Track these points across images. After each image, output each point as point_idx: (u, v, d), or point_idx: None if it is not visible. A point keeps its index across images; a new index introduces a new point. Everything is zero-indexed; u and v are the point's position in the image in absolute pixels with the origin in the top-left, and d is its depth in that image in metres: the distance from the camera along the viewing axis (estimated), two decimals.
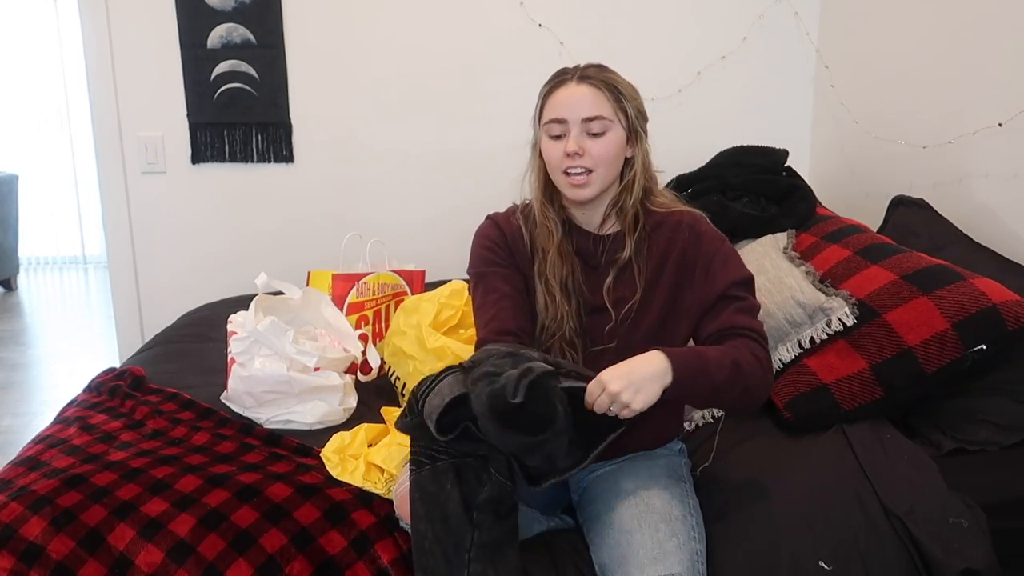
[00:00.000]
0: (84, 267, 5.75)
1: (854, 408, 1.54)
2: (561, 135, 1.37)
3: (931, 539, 1.30)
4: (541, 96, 1.41)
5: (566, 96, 1.37)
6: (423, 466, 1.23)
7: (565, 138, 1.36)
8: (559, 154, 1.37)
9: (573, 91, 1.36)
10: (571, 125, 1.36)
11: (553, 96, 1.38)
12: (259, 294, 1.82)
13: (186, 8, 2.53)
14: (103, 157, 2.64)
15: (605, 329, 1.41)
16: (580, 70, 1.38)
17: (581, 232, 1.45)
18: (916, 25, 2.18)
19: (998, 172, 1.89)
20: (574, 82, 1.37)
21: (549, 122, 1.37)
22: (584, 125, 1.35)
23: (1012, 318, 1.42)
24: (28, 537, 1.32)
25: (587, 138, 1.35)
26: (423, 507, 1.23)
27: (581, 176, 1.36)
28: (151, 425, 1.67)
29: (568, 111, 1.36)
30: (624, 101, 1.38)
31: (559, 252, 1.42)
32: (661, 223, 1.44)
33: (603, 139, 1.36)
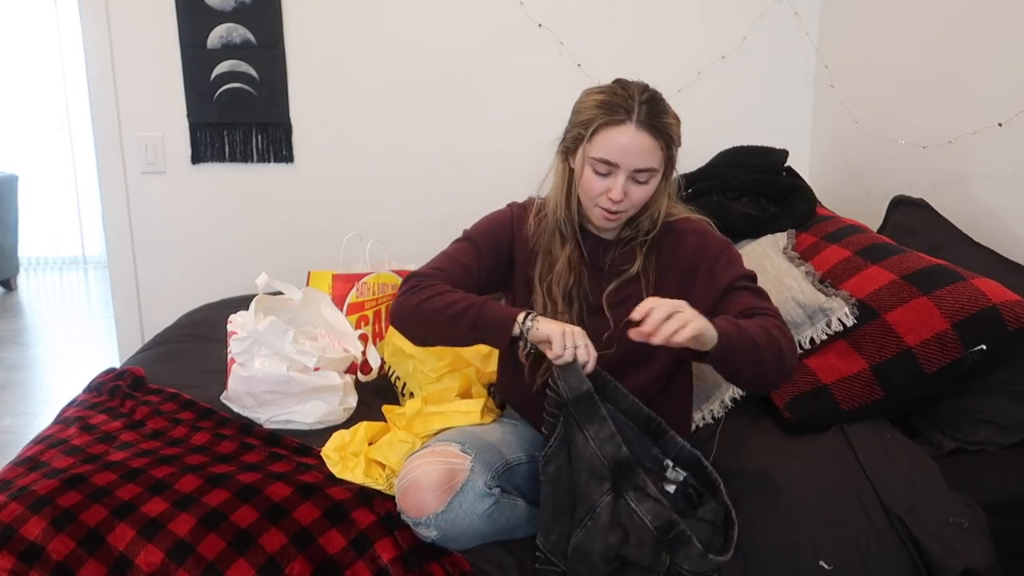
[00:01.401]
0: (84, 267, 5.75)
1: (854, 408, 1.54)
2: (607, 174, 1.37)
3: (931, 539, 1.30)
4: (593, 125, 1.35)
5: (623, 141, 1.33)
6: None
7: (610, 178, 1.37)
8: (600, 190, 1.38)
9: (632, 138, 1.33)
10: (621, 171, 1.36)
11: (608, 134, 1.34)
12: (259, 294, 1.82)
13: (186, 8, 2.53)
14: (103, 157, 2.64)
15: (604, 335, 1.42)
16: (637, 107, 1.33)
17: (593, 237, 1.48)
18: (916, 25, 2.18)
19: (998, 172, 1.89)
20: (634, 126, 1.33)
21: (599, 160, 1.36)
22: (633, 174, 1.36)
23: (1012, 318, 1.42)
24: (28, 537, 1.32)
25: (631, 183, 1.37)
26: None
27: (615, 215, 1.40)
28: (151, 425, 1.67)
29: (622, 158, 1.34)
30: (673, 148, 1.39)
31: (568, 261, 1.44)
32: (668, 231, 1.46)
33: (646, 186, 1.39)
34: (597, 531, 1.24)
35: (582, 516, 1.25)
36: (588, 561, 1.24)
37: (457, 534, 1.32)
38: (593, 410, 1.26)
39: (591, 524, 1.24)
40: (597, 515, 1.24)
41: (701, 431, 1.67)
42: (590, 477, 1.25)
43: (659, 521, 1.21)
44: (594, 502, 1.24)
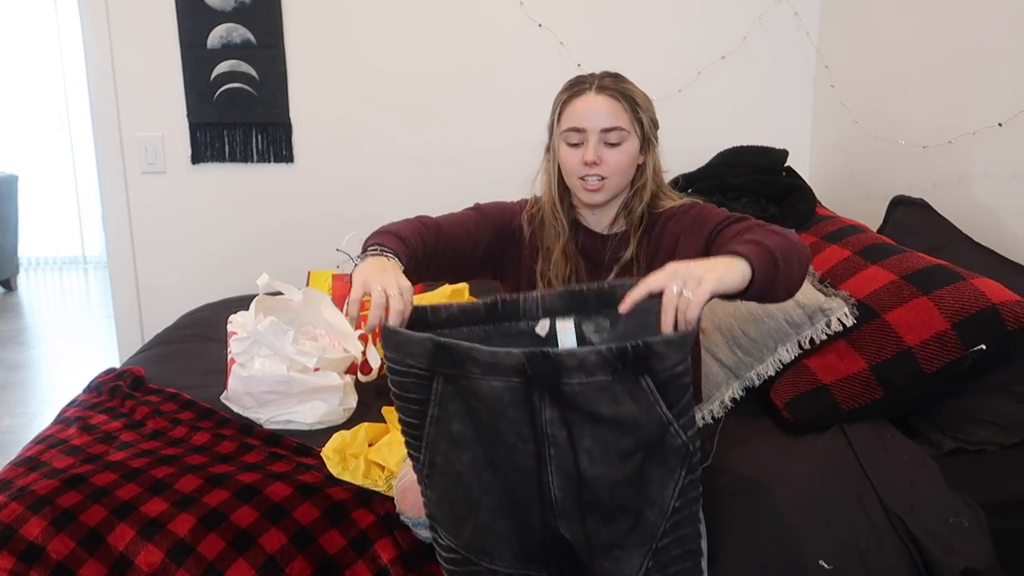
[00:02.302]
0: (84, 267, 5.75)
1: (854, 408, 1.54)
2: (579, 143, 1.39)
3: (931, 539, 1.30)
4: (559, 104, 1.43)
5: (585, 106, 1.39)
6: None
7: (583, 146, 1.39)
8: (576, 161, 1.39)
9: (592, 101, 1.39)
10: (589, 134, 1.38)
11: (571, 105, 1.40)
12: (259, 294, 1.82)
13: (186, 8, 2.53)
14: (103, 157, 2.64)
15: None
16: (598, 80, 1.41)
17: (588, 232, 1.48)
18: (916, 25, 2.18)
19: (998, 172, 1.89)
20: (592, 92, 1.39)
21: (568, 130, 1.40)
22: (602, 135, 1.38)
23: (1012, 318, 1.42)
24: (28, 537, 1.32)
25: (604, 148, 1.38)
26: None
27: (596, 183, 1.39)
28: (151, 425, 1.67)
29: (587, 121, 1.38)
30: (640, 112, 1.40)
31: (563, 252, 1.44)
32: (665, 220, 1.46)
33: (619, 149, 1.39)
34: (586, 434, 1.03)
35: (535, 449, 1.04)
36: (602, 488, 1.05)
37: None
38: (457, 354, 1.03)
39: (556, 453, 1.04)
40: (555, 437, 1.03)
41: (701, 431, 1.67)
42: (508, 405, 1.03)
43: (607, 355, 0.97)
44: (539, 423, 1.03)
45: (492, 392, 1.02)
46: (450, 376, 1.04)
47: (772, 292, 1.19)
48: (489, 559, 1.11)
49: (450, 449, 1.07)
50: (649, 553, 1.06)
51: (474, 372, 1.02)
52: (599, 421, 1.00)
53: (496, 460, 1.06)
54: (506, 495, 1.08)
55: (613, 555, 1.07)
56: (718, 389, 1.71)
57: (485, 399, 1.03)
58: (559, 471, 1.04)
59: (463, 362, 1.02)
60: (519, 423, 1.03)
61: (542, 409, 1.02)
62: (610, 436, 1.01)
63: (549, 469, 1.04)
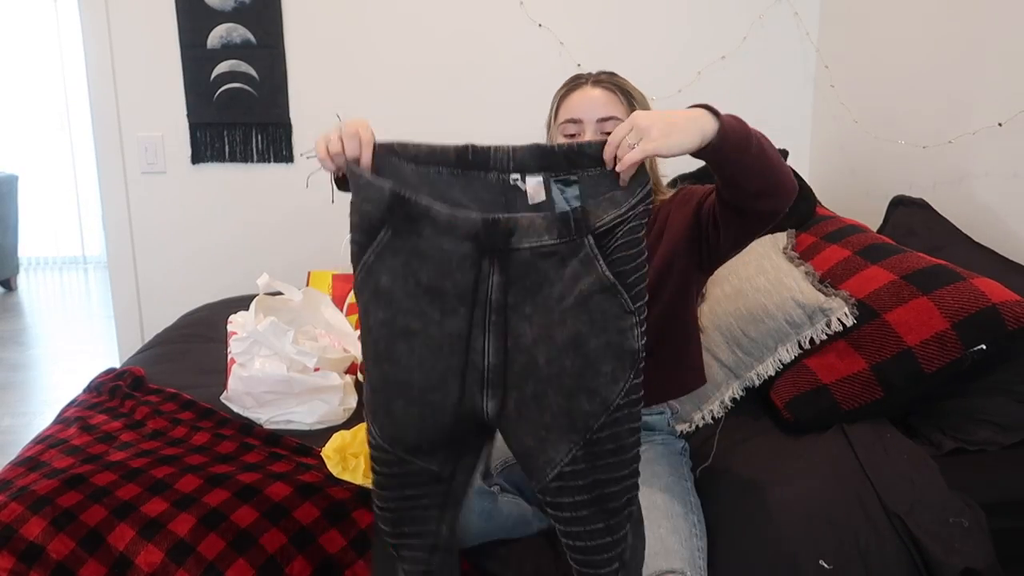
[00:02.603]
0: (84, 267, 5.75)
1: (854, 408, 1.54)
2: (576, 134, 1.42)
3: (931, 538, 1.30)
4: (556, 99, 1.47)
5: (582, 98, 1.42)
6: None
7: (579, 137, 1.41)
8: None
9: (589, 93, 1.43)
10: (586, 125, 1.41)
11: (568, 99, 1.44)
12: (259, 294, 1.82)
13: (186, 8, 2.53)
14: (103, 157, 2.64)
15: None
16: (593, 76, 1.45)
17: None
18: (916, 25, 2.18)
19: (998, 172, 1.89)
20: (589, 86, 1.44)
21: (565, 122, 1.42)
22: (599, 125, 1.40)
23: (1012, 318, 1.42)
24: (28, 537, 1.32)
25: (601, 137, 1.38)
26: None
27: None
28: (151, 425, 1.67)
29: (584, 112, 1.41)
30: (636, 106, 1.43)
31: None
32: (657, 211, 1.48)
33: None
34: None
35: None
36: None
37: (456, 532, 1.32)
38: (414, 209, 1.02)
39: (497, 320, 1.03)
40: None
41: (701, 431, 1.67)
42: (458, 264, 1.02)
43: (552, 219, 1.00)
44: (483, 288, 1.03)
45: (440, 254, 1.02)
46: (399, 230, 1.03)
47: (743, 169, 1.16)
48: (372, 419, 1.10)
49: (370, 300, 1.05)
50: (581, 444, 1.04)
51: (426, 231, 1.02)
52: (543, 284, 1.02)
53: (416, 331, 1.04)
54: (413, 371, 1.05)
55: (540, 435, 1.06)
56: (718, 389, 1.71)
57: (432, 260, 1.02)
58: (497, 337, 1.04)
59: (418, 219, 1.01)
60: (463, 287, 1.02)
61: (490, 274, 1.02)
62: (553, 301, 1.02)
63: (487, 336, 1.04)
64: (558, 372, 1.02)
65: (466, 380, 1.05)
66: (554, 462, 1.05)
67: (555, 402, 1.03)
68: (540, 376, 1.03)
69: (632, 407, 1.05)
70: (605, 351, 1.02)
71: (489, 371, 1.05)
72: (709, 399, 1.72)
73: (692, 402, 1.71)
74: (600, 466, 1.05)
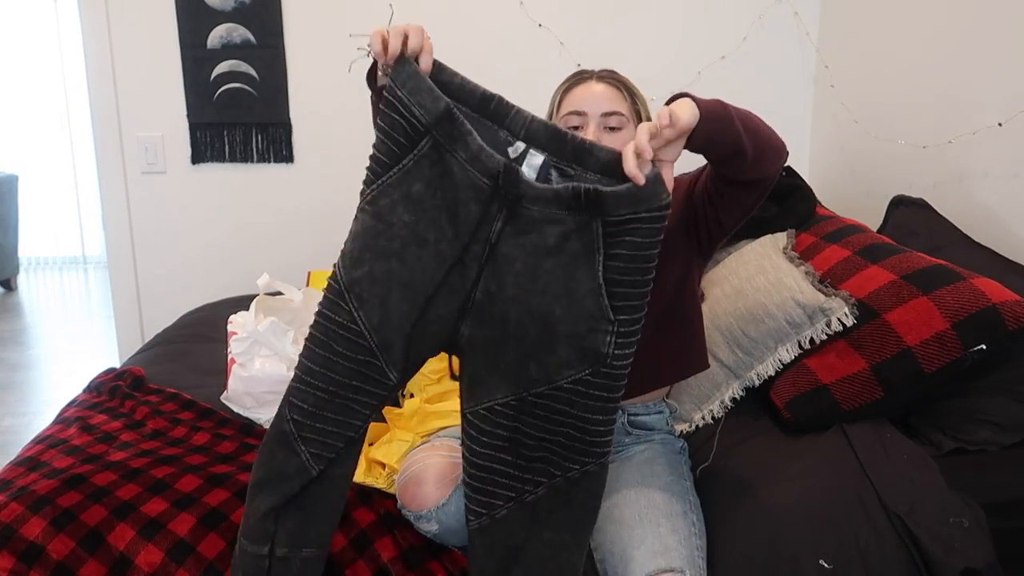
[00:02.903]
0: (84, 267, 5.75)
1: (854, 408, 1.54)
2: (579, 126, 1.41)
3: (931, 538, 1.30)
4: (558, 93, 1.47)
5: (586, 92, 1.43)
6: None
7: (583, 130, 1.41)
8: None
9: (593, 87, 1.43)
10: (590, 118, 1.41)
11: (572, 92, 1.44)
12: (260, 294, 1.83)
13: (186, 8, 2.53)
14: (103, 157, 2.64)
15: None
16: (597, 72, 1.46)
17: None
18: (916, 25, 2.18)
19: (998, 172, 1.89)
20: (593, 81, 1.44)
21: (569, 114, 1.42)
22: (603, 119, 1.40)
23: (1012, 318, 1.42)
24: (28, 537, 1.32)
25: (604, 132, 1.40)
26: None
27: None
28: (151, 425, 1.67)
29: (588, 105, 1.41)
30: (638, 104, 1.44)
31: None
32: None
33: (619, 134, 1.40)
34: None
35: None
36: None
37: (458, 527, 1.33)
38: (458, 130, 1.06)
39: (488, 264, 1.08)
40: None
41: (701, 431, 1.67)
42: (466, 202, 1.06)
43: (564, 193, 1.03)
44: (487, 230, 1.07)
45: (464, 180, 1.06)
46: (439, 144, 1.07)
47: (732, 140, 1.16)
48: (358, 303, 1.12)
49: (400, 202, 1.09)
50: (517, 397, 1.11)
51: (460, 154, 1.06)
52: (539, 249, 1.06)
53: (430, 241, 1.09)
54: (417, 274, 1.10)
55: (487, 373, 1.12)
56: (718, 389, 1.71)
57: (457, 181, 1.07)
58: (486, 277, 1.09)
59: (457, 139, 1.06)
60: (472, 219, 1.07)
61: (496, 219, 1.07)
62: (542, 271, 1.06)
63: (479, 272, 1.09)
64: (522, 335, 1.09)
65: (454, 300, 1.11)
66: (491, 396, 1.12)
67: (511, 356, 1.10)
68: (507, 330, 1.09)
69: (579, 397, 1.10)
70: (568, 339, 1.07)
71: (472, 303, 1.11)
72: (709, 399, 1.72)
73: (692, 402, 1.71)
74: (526, 421, 1.12)
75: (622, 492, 1.37)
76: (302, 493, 1.17)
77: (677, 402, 1.67)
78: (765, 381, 1.67)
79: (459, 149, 1.06)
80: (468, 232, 1.08)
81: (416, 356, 1.15)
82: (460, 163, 1.06)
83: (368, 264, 1.11)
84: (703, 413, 1.70)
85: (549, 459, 1.14)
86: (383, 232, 1.10)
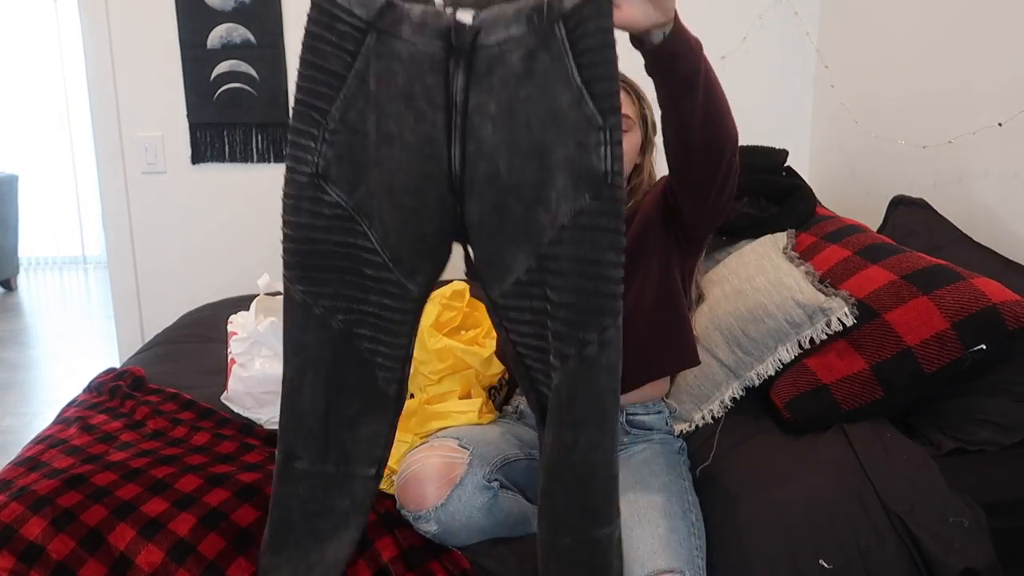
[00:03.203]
0: (84, 267, 5.75)
1: (854, 408, 1.54)
2: None
3: (931, 538, 1.30)
4: None
5: None
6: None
7: None
8: None
9: None
10: None
11: None
12: (260, 294, 1.83)
13: (186, 8, 2.53)
14: (103, 157, 2.64)
15: None
16: None
17: None
18: (916, 25, 2.18)
19: (998, 172, 1.89)
20: None
21: None
22: None
23: (1012, 318, 1.42)
24: (28, 537, 1.32)
25: None
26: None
27: None
28: (151, 425, 1.67)
29: None
30: (644, 108, 1.44)
31: None
32: (640, 200, 1.51)
33: (626, 137, 1.41)
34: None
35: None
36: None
37: (457, 528, 1.33)
38: (397, 9, 1.02)
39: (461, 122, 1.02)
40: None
41: (701, 431, 1.67)
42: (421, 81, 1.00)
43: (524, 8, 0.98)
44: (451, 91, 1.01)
45: (417, 54, 1.01)
46: (383, 34, 1.02)
47: (692, 66, 1.15)
48: (369, 222, 1.08)
49: (365, 107, 1.05)
50: (536, 256, 1.02)
51: (404, 31, 1.01)
52: (509, 80, 0.99)
53: (394, 134, 1.04)
54: (393, 175, 1.05)
55: (500, 246, 1.05)
56: (718, 389, 1.71)
57: (406, 62, 1.02)
58: (463, 142, 1.02)
59: (400, 19, 1.01)
60: (432, 90, 1.01)
61: (456, 74, 1.00)
62: (519, 102, 0.99)
63: (454, 141, 1.03)
64: (519, 181, 1.01)
65: (439, 187, 1.04)
66: (512, 271, 1.05)
67: (517, 211, 1.02)
68: (501, 184, 1.02)
69: (585, 232, 1.00)
70: (564, 164, 0.99)
71: (455, 175, 1.04)
72: (709, 399, 1.72)
73: (692, 402, 1.71)
74: (549, 282, 1.02)
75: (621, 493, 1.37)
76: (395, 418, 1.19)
77: (677, 402, 1.67)
78: (765, 381, 1.67)
79: (403, 27, 1.01)
80: (433, 106, 1.02)
81: (430, 262, 1.11)
82: (406, 41, 1.01)
83: (363, 182, 1.07)
84: (703, 413, 1.70)
85: (563, 332, 1.04)
86: (361, 143, 1.06)
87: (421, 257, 1.09)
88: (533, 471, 1.47)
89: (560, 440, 1.06)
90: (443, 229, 1.08)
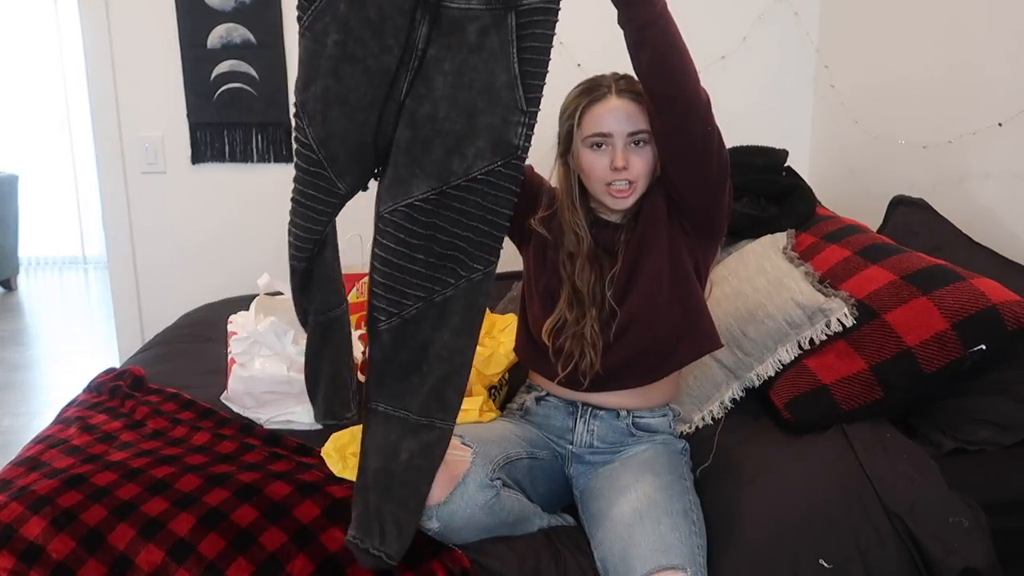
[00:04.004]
0: (84, 267, 5.75)
1: (854, 408, 1.54)
2: (603, 145, 1.40)
3: (931, 538, 1.30)
4: (577, 110, 1.42)
5: (608, 111, 1.40)
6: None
7: (608, 150, 1.40)
8: (604, 166, 1.40)
9: (616, 105, 1.40)
10: (616, 139, 1.39)
11: (592, 111, 1.41)
12: (259, 294, 1.83)
13: (186, 8, 2.53)
14: (103, 157, 2.64)
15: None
16: (614, 83, 1.43)
17: (604, 224, 1.50)
18: (916, 25, 2.18)
19: (998, 172, 1.89)
20: (614, 96, 1.41)
21: (592, 136, 1.40)
22: (628, 139, 1.39)
23: (1012, 318, 1.42)
24: (28, 537, 1.32)
25: (631, 151, 1.40)
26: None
27: (625, 187, 1.41)
28: (151, 425, 1.67)
29: (613, 125, 1.39)
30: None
31: (587, 259, 1.46)
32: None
33: (645, 152, 1.41)
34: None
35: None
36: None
37: (458, 526, 1.33)
38: None
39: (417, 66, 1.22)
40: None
41: (701, 431, 1.67)
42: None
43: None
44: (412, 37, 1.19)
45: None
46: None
47: (663, 29, 1.37)
48: (308, 121, 1.24)
49: (331, 23, 1.18)
50: (437, 191, 1.22)
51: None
52: (464, 46, 1.18)
53: (359, 57, 1.19)
54: (351, 91, 1.21)
55: (413, 171, 1.23)
56: (718, 389, 1.71)
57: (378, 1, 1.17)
58: (415, 81, 1.20)
59: None
60: (398, 30, 1.18)
61: (420, 24, 1.18)
62: (468, 67, 1.18)
63: (407, 77, 1.20)
64: (448, 130, 1.20)
65: (387, 109, 1.22)
66: (410, 193, 1.23)
67: (437, 152, 1.21)
68: (435, 126, 1.21)
69: (491, 189, 1.22)
70: (487, 129, 1.19)
71: (402, 107, 1.22)
72: (709, 399, 1.72)
73: (692, 403, 1.72)
74: (443, 216, 1.23)
75: (622, 491, 1.38)
76: (309, 279, 1.40)
77: (677, 403, 1.67)
78: (765, 381, 1.68)
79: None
80: (397, 42, 1.18)
81: (363, 163, 1.27)
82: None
83: (312, 85, 1.22)
84: (703, 414, 1.70)
85: (458, 258, 1.26)
86: (319, 53, 1.20)
87: (354, 162, 1.26)
88: (535, 470, 1.47)
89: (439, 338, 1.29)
90: (377, 143, 1.25)
